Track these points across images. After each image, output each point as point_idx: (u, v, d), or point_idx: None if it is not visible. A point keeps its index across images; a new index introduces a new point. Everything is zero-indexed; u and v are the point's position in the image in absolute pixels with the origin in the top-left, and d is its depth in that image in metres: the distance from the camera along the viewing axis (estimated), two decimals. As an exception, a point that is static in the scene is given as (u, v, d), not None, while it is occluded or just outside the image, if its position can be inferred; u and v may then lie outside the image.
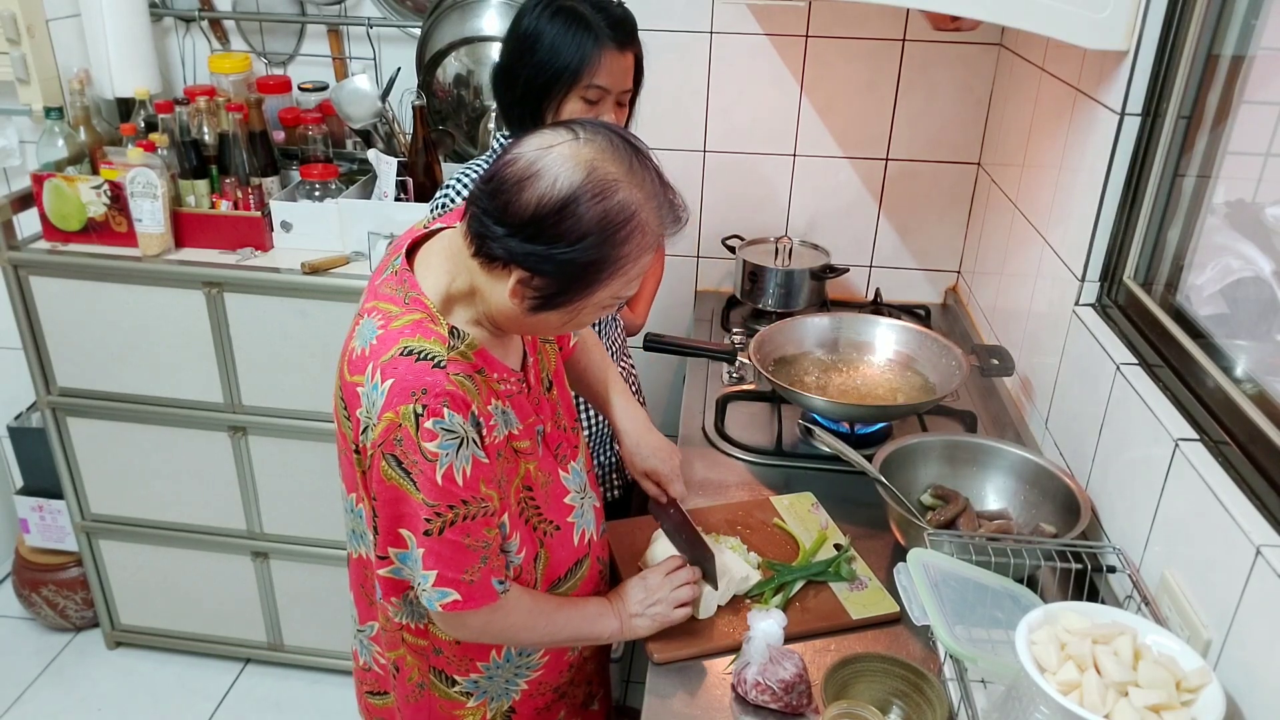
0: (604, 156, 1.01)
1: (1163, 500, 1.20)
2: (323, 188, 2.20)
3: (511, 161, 1.02)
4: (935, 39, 2.10)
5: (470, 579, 1.10)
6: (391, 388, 1.03)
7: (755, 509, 1.55)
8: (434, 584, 1.09)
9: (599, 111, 1.53)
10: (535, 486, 1.20)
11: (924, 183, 2.26)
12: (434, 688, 1.27)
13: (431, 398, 1.02)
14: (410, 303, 1.09)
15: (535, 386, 1.23)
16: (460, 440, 1.05)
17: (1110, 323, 1.47)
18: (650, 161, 1.06)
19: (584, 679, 1.40)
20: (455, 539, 1.08)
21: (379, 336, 1.07)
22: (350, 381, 1.09)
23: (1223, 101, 1.29)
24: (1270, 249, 1.21)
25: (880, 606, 1.35)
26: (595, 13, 1.49)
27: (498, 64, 1.58)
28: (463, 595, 1.10)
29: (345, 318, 2.10)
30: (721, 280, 2.39)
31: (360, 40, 2.32)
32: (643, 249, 1.04)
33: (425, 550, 1.08)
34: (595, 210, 0.99)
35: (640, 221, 1.02)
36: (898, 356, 1.88)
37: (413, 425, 1.03)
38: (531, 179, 0.99)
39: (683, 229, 1.10)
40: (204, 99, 2.16)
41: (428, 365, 1.04)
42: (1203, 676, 0.96)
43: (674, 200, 1.07)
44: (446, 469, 1.04)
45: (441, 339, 1.07)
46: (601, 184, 0.99)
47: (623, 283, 1.06)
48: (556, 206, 0.99)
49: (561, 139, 1.02)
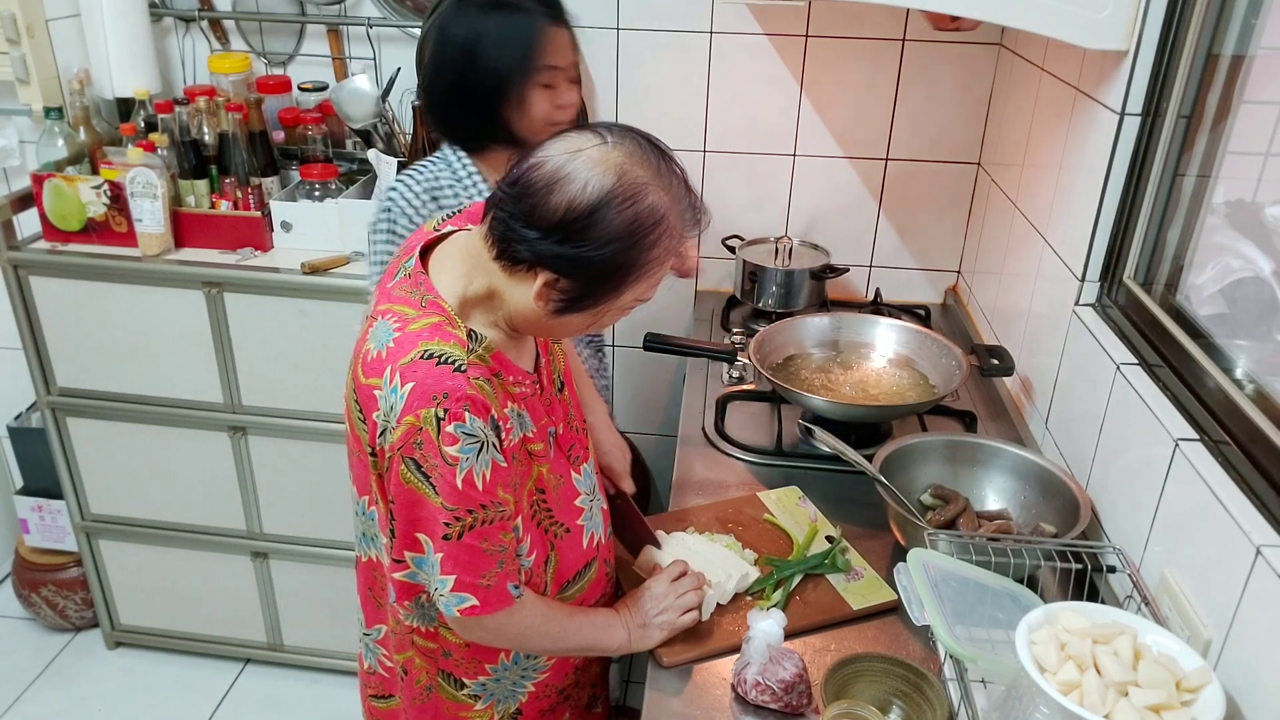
0: (633, 160, 1.02)
1: (1163, 500, 1.20)
2: (323, 188, 2.20)
3: (537, 166, 1.02)
4: (935, 39, 2.10)
5: (487, 583, 1.10)
6: (412, 391, 1.02)
7: (744, 505, 1.56)
8: (452, 589, 1.09)
9: (559, 95, 1.53)
10: (547, 489, 1.20)
11: (924, 183, 2.26)
12: (442, 690, 1.27)
13: (453, 402, 1.02)
14: (427, 305, 1.09)
15: (548, 388, 1.23)
16: (481, 444, 1.04)
17: (1110, 323, 1.47)
18: (676, 164, 1.08)
19: (588, 681, 1.40)
20: (473, 544, 1.08)
21: (396, 339, 1.06)
22: (366, 384, 1.08)
23: (1223, 101, 1.29)
24: (1270, 249, 1.22)
25: (878, 595, 1.36)
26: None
27: (436, 84, 1.53)
28: (480, 600, 1.10)
29: (345, 318, 2.10)
30: (721, 280, 2.39)
31: (360, 40, 2.32)
32: (670, 251, 1.06)
33: (444, 555, 1.07)
34: (626, 214, 1.00)
35: (669, 225, 1.04)
36: (898, 356, 1.88)
37: (434, 429, 1.02)
38: (561, 183, 1.00)
39: (702, 230, 1.12)
40: (204, 99, 2.16)
41: (448, 369, 1.04)
42: (1203, 676, 0.96)
43: (695, 203, 1.09)
44: (467, 473, 1.04)
45: (461, 342, 1.06)
46: (632, 188, 1.01)
47: (647, 285, 1.08)
48: (587, 210, 1.00)
49: (590, 143, 1.03)
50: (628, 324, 2.46)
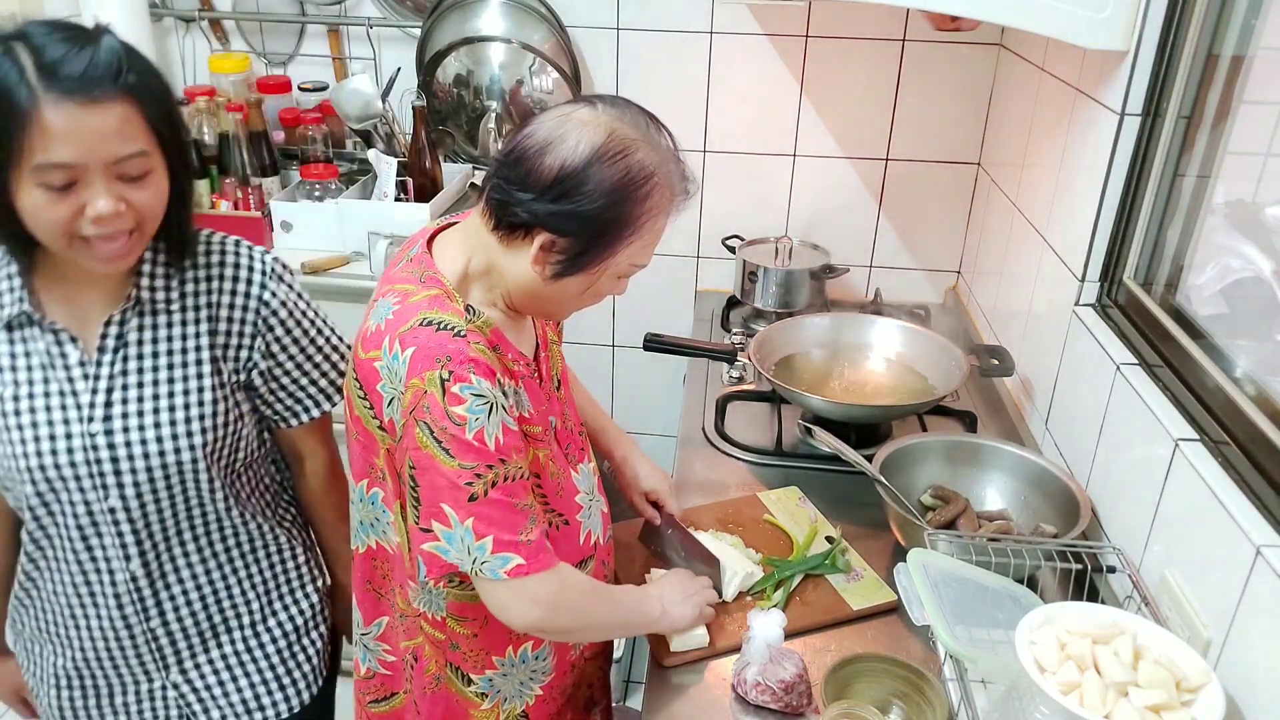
0: (622, 121, 1.08)
1: (1163, 500, 1.20)
2: (323, 188, 2.20)
3: (530, 134, 1.07)
4: (935, 39, 2.10)
5: (527, 539, 1.07)
6: (414, 355, 1.04)
7: (745, 506, 1.56)
8: (493, 550, 1.05)
9: (79, 196, 1.02)
10: (544, 475, 1.19)
11: (924, 183, 2.26)
12: (450, 682, 1.26)
13: (456, 364, 1.03)
14: (426, 280, 1.11)
15: (546, 380, 1.24)
16: (490, 405, 1.04)
17: (1110, 323, 1.47)
18: (664, 128, 1.12)
19: (585, 681, 1.40)
20: (502, 499, 1.05)
21: (395, 311, 1.08)
22: (366, 359, 1.09)
23: (1223, 101, 1.29)
24: (1270, 249, 1.22)
25: (878, 596, 1.36)
26: (31, 51, 0.99)
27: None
28: (526, 557, 1.06)
29: (345, 318, 2.09)
30: (721, 280, 2.39)
31: (360, 40, 2.32)
32: (660, 208, 1.10)
33: (474, 518, 1.04)
34: (618, 167, 1.05)
35: (659, 180, 1.08)
36: (898, 356, 1.88)
37: (439, 391, 1.03)
38: (553, 144, 1.05)
39: (691, 199, 1.15)
40: (204, 99, 2.16)
41: (448, 334, 1.05)
42: (1203, 676, 0.96)
43: (685, 171, 1.13)
44: (478, 431, 1.04)
45: (459, 313, 1.08)
46: (621, 143, 1.05)
47: (639, 246, 1.10)
48: (580, 166, 1.04)
49: (580, 108, 1.09)
50: (628, 324, 2.47)
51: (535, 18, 2.17)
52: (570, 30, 2.18)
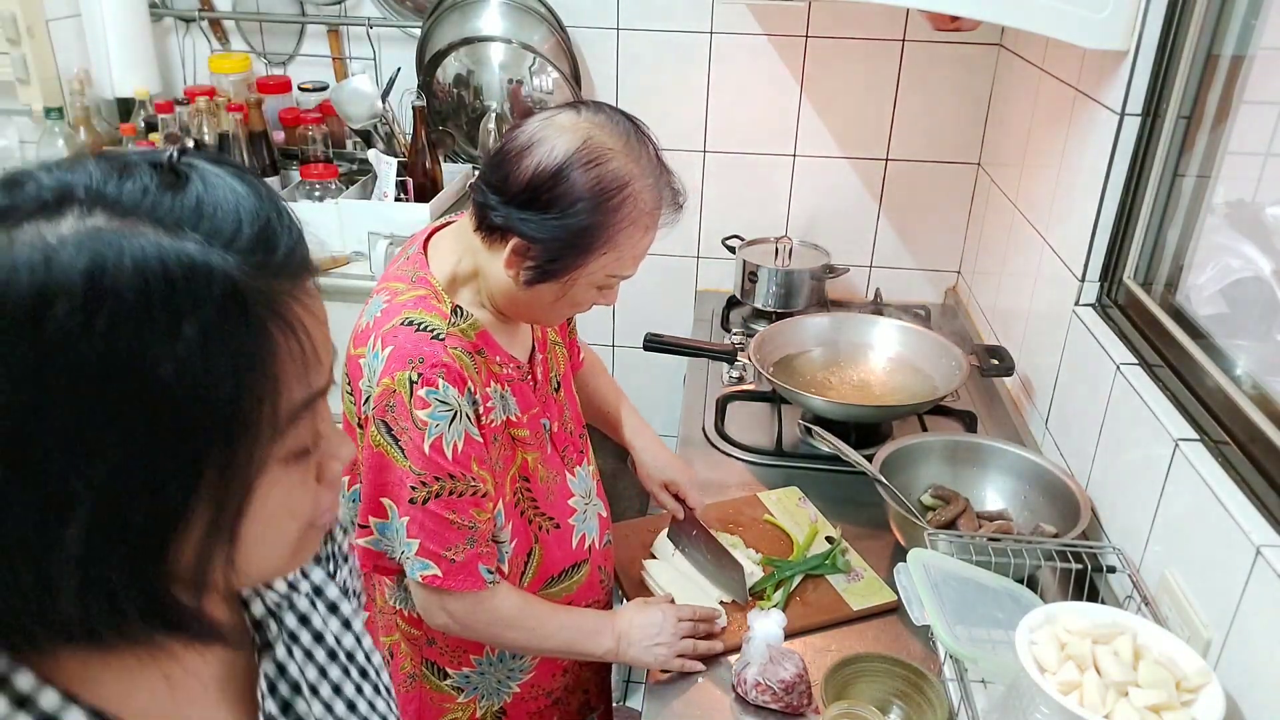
0: (601, 128, 1.05)
1: (1163, 500, 1.20)
2: (323, 188, 2.20)
3: (514, 137, 1.06)
4: (935, 39, 2.10)
5: (453, 557, 1.09)
6: (390, 355, 1.05)
7: (745, 506, 1.56)
8: (416, 553, 1.09)
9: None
10: (533, 479, 1.19)
11: (924, 183, 2.26)
12: (426, 679, 1.26)
13: (427, 367, 1.04)
14: (417, 280, 1.12)
15: (542, 384, 1.23)
16: (454, 413, 1.05)
17: (1110, 323, 1.47)
18: (649, 140, 1.09)
19: (579, 685, 1.39)
20: (439, 512, 1.07)
21: (383, 309, 1.09)
22: (354, 354, 1.10)
23: (1223, 101, 1.29)
24: (1270, 249, 1.22)
25: (879, 596, 1.36)
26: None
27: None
28: (443, 572, 1.09)
29: (345, 318, 2.09)
30: (721, 280, 2.39)
31: (360, 40, 2.32)
32: (634, 220, 1.06)
33: (409, 519, 1.07)
34: (589, 176, 1.03)
35: (633, 191, 1.05)
36: (898, 356, 1.88)
37: (406, 392, 1.03)
38: (532, 148, 1.04)
39: (681, 213, 1.12)
40: (204, 99, 2.16)
41: (426, 336, 1.05)
42: (1203, 676, 0.96)
43: (673, 184, 1.11)
44: (436, 439, 1.04)
45: (443, 315, 1.08)
46: (596, 151, 1.03)
47: (615, 257, 1.08)
48: (552, 171, 1.02)
49: (562, 112, 1.07)
50: (628, 324, 2.47)
51: (535, 18, 2.17)
52: (570, 30, 2.18)
